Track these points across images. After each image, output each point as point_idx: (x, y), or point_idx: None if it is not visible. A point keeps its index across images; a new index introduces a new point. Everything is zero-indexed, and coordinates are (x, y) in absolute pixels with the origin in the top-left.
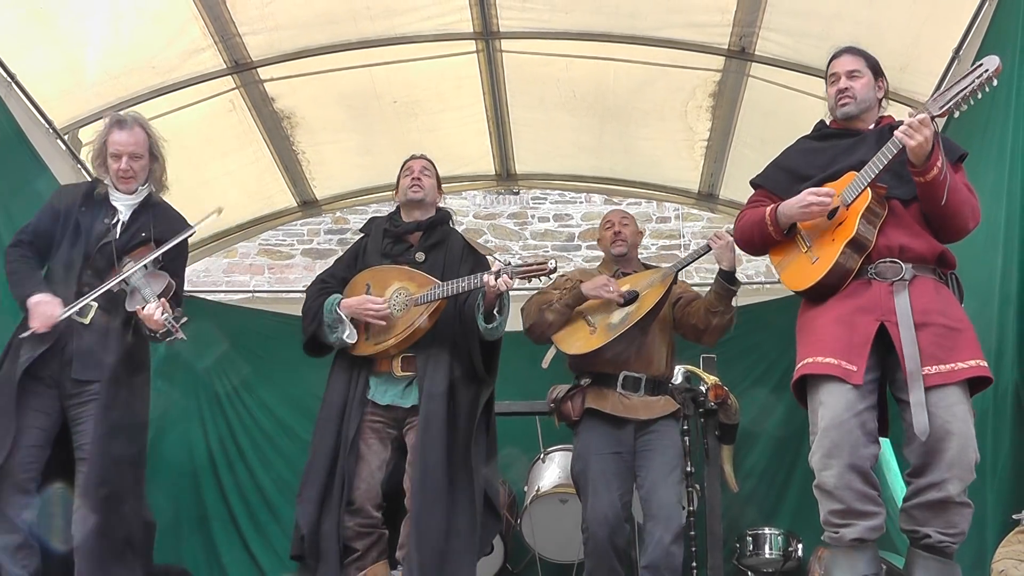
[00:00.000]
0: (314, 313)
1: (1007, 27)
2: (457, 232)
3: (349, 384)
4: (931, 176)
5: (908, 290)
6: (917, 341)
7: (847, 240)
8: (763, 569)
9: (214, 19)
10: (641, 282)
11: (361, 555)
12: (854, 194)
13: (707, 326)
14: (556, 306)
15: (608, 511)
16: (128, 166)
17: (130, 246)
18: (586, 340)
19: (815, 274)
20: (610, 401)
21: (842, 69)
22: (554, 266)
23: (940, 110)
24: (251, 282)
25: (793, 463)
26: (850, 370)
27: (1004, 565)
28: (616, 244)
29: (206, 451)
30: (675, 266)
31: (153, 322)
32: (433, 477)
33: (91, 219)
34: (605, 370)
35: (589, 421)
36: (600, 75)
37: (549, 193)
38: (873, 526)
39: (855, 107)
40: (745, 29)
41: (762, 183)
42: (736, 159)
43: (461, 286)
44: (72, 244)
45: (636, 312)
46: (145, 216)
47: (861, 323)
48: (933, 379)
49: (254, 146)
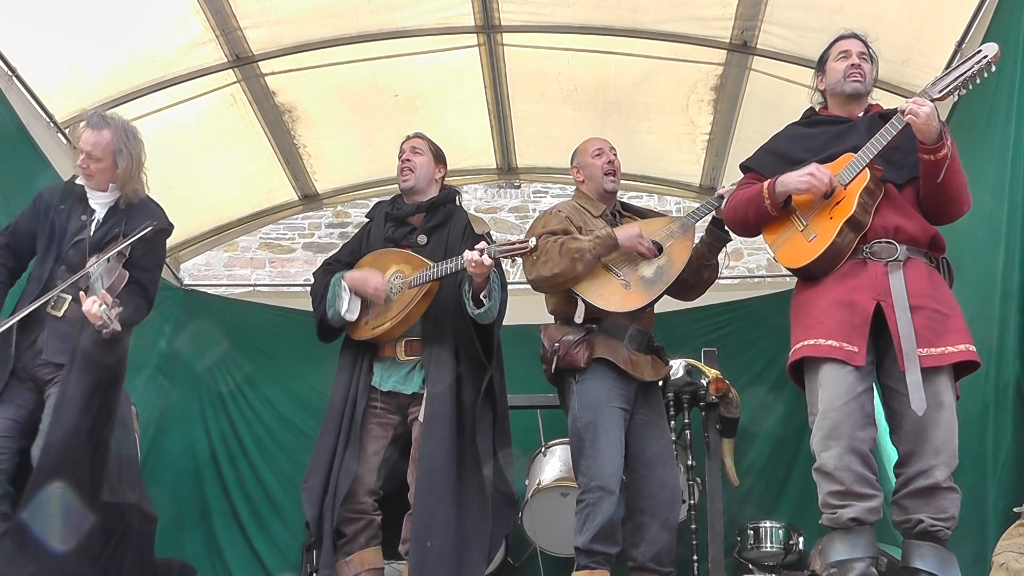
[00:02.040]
0: (320, 294)
1: (1009, 21)
2: (462, 211)
3: (353, 371)
4: (942, 155)
5: (902, 271)
6: (911, 322)
7: (846, 218)
8: (764, 562)
9: (215, 13)
10: (659, 231)
11: (349, 540)
12: (852, 174)
13: (698, 281)
14: (588, 257)
15: (620, 468)
16: (85, 164)
17: (104, 243)
18: (624, 295)
19: (813, 251)
20: (621, 354)
21: (854, 49)
22: (535, 244)
23: (939, 94)
24: (252, 276)
25: (793, 458)
26: (852, 351)
27: (1005, 558)
28: (610, 180)
29: (207, 445)
30: (692, 217)
31: (90, 315)
32: (438, 474)
33: (67, 216)
34: (617, 320)
35: (599, 370)
36: (601, 69)
37: (550, 187)
38: (871, 507)
39: (863, 87)
40: (747, 23)
41: (752, 166)
42: (738, 153)
43: (449, 267)
44: (49, 241)
45: (671, 268)
46: (120, 213)
47: (859, 303)
48: (924, 361)
49: (255, 140)
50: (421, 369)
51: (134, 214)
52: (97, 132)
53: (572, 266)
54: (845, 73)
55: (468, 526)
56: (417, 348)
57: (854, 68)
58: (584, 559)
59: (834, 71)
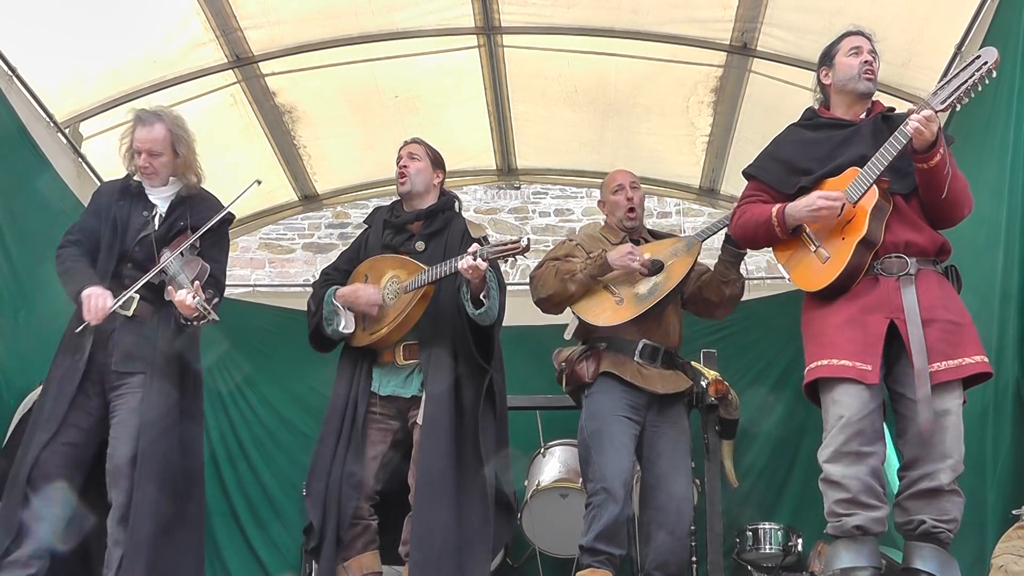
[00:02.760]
0: (316, 307)
1: (1009, 23)
2: (460, 217)
3: (353, 377)
4: (934, 162)
5: (914, 285)
6: (924, 338)
7: (859, 239)
8: (763, 564)
9: (215, 13)
10: (664, 251)
11: (346, 545)
12: (860, 191)
13: (721, 299)
14: (579, 277)
15: (626, 472)
16: (147, 163)
17: (169, 237)
18: (614, 311)
19: (829, 275)
20: (629, 368)
21: (865, 46)
22: (527, 243)
23: (942, 105)
24: (252, 276)
25: (793, 459)
26: (865, 370)
27: (1004, 560)
28: (630, 216)
29: (207, 446)
30: (700, 235)
31: (185, 307)
32: (438, 476)
33: (128, 213)
34: (625, 336)
35: (605, 383)
36: (602, 70)
37: (550, 188)
38: (876, 517)
39: (874, 86)
40: (747, 25)
41: (756, 174)
42: (737, 155)
43: (444, 270)
44: (112, 239)
45: (666, 283)
46: (182, 206)
47: (872, 322)
48: (941, 375)
49: (255, 140)
50: (420, 372)
51: (195, 206)
52: (151, 128)
53: (564, 287)
54: (861, 70)
55: (469, 528)
56: (416, 352)
57: (867, 65)
58: (588, 558)
59: (846, 66)
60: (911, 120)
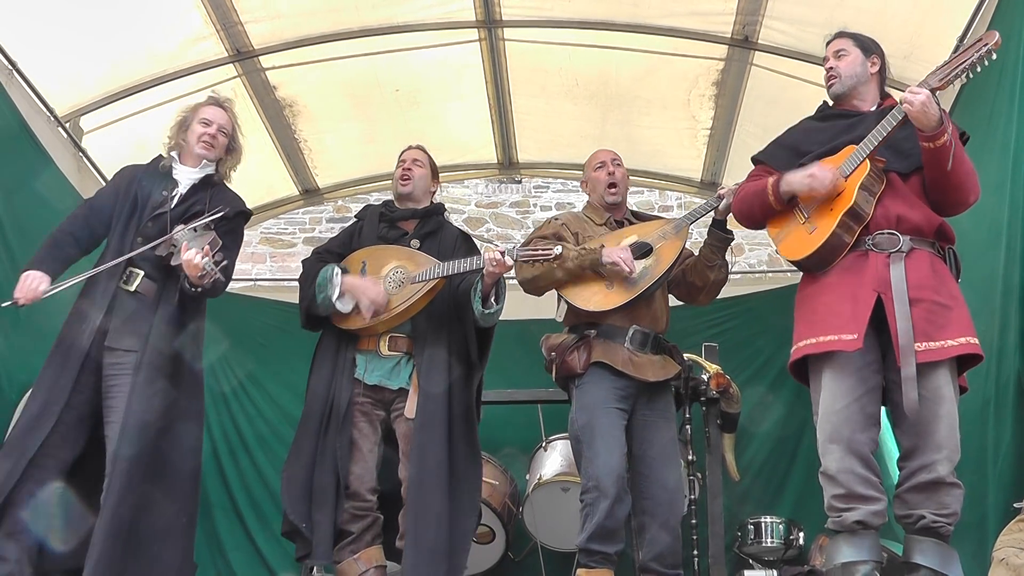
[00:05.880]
0: (311, 281)
1: (1011, 15)
2: (451, 224)
3: (336, 361)
4: (941, 142)
5: (904, 263)
6: (910, 316)
7: (845, 210)
8: (764, 557)
9: (216, 7)
10: (652, 233)
11: (356, 538)
12: (852, 166)
13: (705, 283)
14: (569, 265)
15: (618, 468)
16: (216, 133)
17: (184, 218)
18: (605, 296)
19: (813, 244)
20: (620, 356)
21: (830, 51)
22: (560, 251)
23: (939, 82)
24: (252, 271)
25: (794, 453)
26: (849, 339)
27: (1005, 553)
28: (611, 192)
29: (209, 441)
30: (687, 218)
31: (191, 267)
32: (432, 469)
33: (149, 190)
34: (615, 323)
35: (596, 373)
36: (603, 64)
37: (551, 182)
38: (875, 511)
39: (841, 85)
40: (748, 18)
41: (762, 159)
42: (739, 148)
43: (462, 266)
44: (129, 215)
45: (656, 267)
46: (203, 191)
47: (860, 296)
48: (923, 356)
49: (256, 134)
50: (407, 365)
51: (216, 194)
52: (225, 112)
53: (551, 272)
54: (826, 82)
55: (461, 520)
56: (402, 344)
57: (827, 73)
58: (584, 558)
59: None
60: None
